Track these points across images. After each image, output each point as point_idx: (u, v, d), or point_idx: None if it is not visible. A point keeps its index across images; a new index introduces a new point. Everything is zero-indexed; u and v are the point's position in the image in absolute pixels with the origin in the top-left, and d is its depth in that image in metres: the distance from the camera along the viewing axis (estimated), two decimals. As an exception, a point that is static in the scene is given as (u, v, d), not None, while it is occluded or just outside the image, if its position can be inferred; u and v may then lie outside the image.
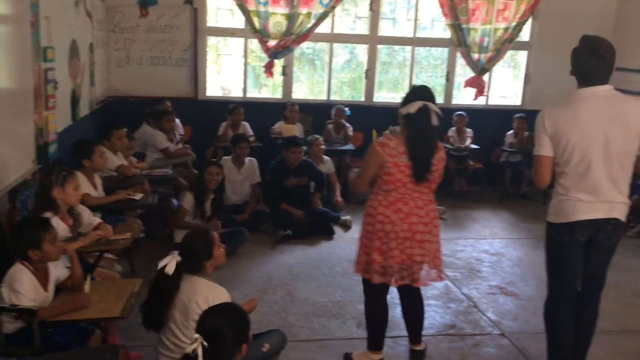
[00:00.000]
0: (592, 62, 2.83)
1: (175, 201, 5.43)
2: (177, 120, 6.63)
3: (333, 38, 7.61)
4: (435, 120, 3.10)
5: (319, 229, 5.80)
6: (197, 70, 7.29)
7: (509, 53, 7.87)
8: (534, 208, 7.09)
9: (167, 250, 2.90)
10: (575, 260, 3.03)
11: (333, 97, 7.84)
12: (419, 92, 3.16)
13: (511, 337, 3.88)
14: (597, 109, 2.83)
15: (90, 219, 3.62)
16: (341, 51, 8.13)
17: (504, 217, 6.81)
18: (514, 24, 7.42)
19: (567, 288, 3.09)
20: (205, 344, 1.98)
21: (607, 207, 2.89)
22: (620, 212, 2.93)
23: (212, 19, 7.46)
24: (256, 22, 6.89)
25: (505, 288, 4.72)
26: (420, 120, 3.07)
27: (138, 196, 4.42)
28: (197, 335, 2.01)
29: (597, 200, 2.88)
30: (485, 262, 5.31)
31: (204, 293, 2.73)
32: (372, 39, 7.63)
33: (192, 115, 7.18)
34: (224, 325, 2.08)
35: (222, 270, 4.47)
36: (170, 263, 2.71)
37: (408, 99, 3.14)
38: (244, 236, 5.20)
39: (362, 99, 7.86)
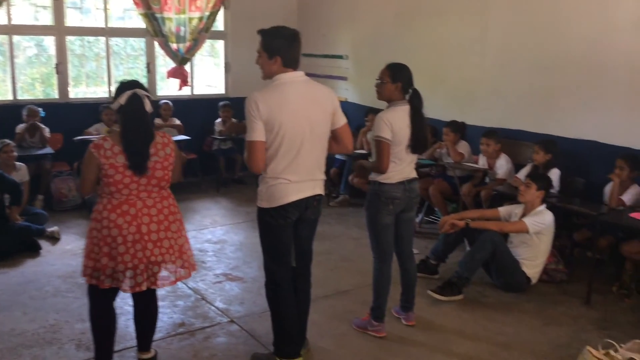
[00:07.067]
0: (294, 48, 3.02)
1: None
2: None
3: (12, 30, 6.70)
4: (148, 106, 2.97)
5: (21, 246, 5.11)
6: None
7: (208, 42, 7.97)
8: (249, 192, 7.36)
9: None
10: (289, 239, 3.19)
11: (23, 96, 6.95)
12: (127, 84, 2.99)
13: (240, 322, 3.95)
14: (301, 93, 3.01)
15: None
16: (27, 44, 7.22)
17: (222, 204, 6.94)
18: (207, 13, 7.51)
19: (285, 266, 3.24)
20: None
21: (311, 185, 3.11)
22: (321, 188, 3.19)
23: None
24: None
25: (230, 274, 4.80)
26: (133, 108, 2.91)
27: None
28: None
29: (303, 179, 3.06)
30: (209, 251, 5.33)
31: None
32: (59, 30, 6.94)
33: None
34: None
35: None
36: None
37: (117, 94, 2.96)
38: None
39: (56, 96, 7.13)
